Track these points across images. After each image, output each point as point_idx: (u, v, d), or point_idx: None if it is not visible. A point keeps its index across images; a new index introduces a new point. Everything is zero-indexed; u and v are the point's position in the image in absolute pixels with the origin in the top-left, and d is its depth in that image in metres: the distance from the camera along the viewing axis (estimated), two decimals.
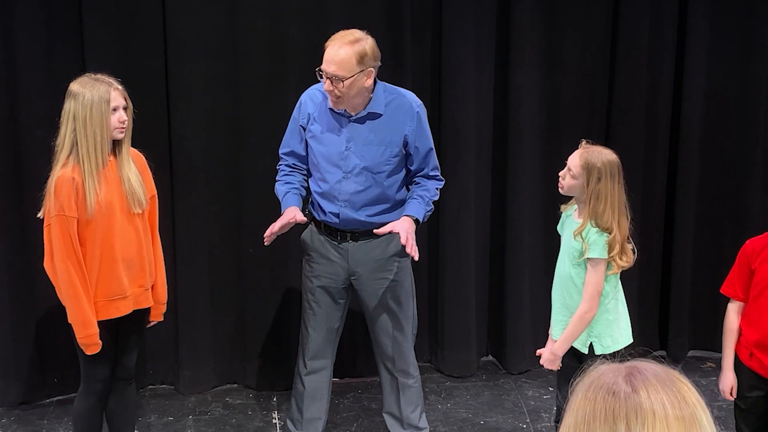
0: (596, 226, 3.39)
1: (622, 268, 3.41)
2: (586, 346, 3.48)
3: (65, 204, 3.36)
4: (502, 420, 4.50)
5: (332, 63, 3.54)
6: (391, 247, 3.82)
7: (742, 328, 3.43)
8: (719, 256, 4.85)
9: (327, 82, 3.57)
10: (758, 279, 3.35)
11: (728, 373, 3.45)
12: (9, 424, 4.42)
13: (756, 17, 4.82)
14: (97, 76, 3.47)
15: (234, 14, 4.43)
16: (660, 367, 1.38)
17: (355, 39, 3.58)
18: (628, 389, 1.31)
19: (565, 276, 3.49)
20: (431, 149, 3.82)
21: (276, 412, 4.59)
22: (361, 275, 3.83)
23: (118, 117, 3.44)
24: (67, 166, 3.40)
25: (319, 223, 3.83)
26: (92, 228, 3.42)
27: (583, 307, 3.41)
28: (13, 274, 4.40)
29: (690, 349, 5.19)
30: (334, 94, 3.59)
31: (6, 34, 4.22)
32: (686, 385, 1.36)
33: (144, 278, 3.61)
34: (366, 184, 3.72)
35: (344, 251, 3.81)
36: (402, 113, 3.74)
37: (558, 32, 4.75)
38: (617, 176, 3.38)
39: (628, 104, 4.86)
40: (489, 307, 5.05)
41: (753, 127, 4.91)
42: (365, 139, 3.70)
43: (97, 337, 3.47)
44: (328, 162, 3.72)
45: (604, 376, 1.36)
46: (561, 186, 3.47)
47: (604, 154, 3.39)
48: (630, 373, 1.34)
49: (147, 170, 3.65)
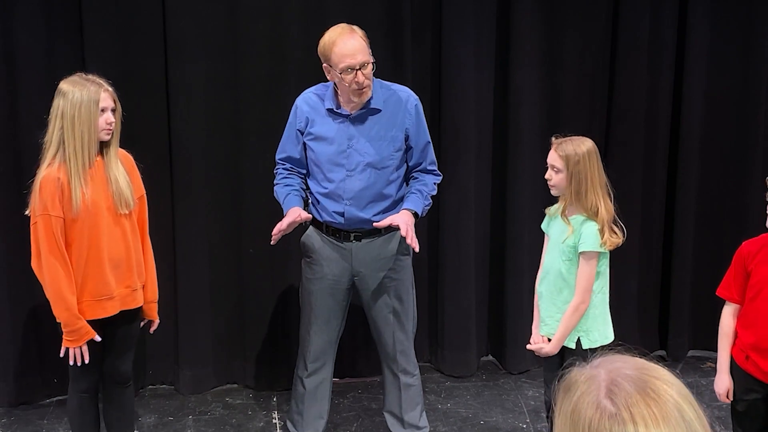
0: (582, 210, 3.44)
1: (615, 245, 3.49)
2: (574, 341, 3.53)
3: (49, 203, 3.36)
4: (502, 420, 4.51)
5: (358, 52, 3.55)
6: (393, 244, 3.83)
7: (738, 331, 3.39)
8: (719, 256, 4.84)
9: (359, 74, 3.55)
10: (754, 281, 3.31)
11: (724, 376, 3.42)
12: (9, 424, 4.42)
13: (756, 17, 4.82)
14: (88, 76, 3.47)
15: (234, 14, 4.43)
16: (633, 368, 1.40)
17: (352, 28, 3.62)
18: (612, 409, 1.35)
19: (554, 272, 3.54)
20: (429, 143, 3.85)
21: (276, 412, 4.59)
22: (365, 274, 3.83)
23: (105, 118, 3.43)
24: (53, 165, 3.40)
25: (321, 224, 3.83)
26: (78, 228, 3.42)
27: (577, 299, 3.49)
28: (13, 274, 4.40)
29: (690, 349, 5.19)
30: (366, 83, 3.59)
31: (6, 34, 4.22)
32: (662, 381, 1.38)
33: (131, 279, 3.59)
34: (370, 180, 3.72)
35: (347, 251, 3.81)
36: (401, 108, 3.75)
37: (558, 32, 4.75)
38: (595, 158, 3.47)
39: (628, 104, 4.86)
40: (489, 307, 5.05)
41: (753, 127, 4.91)
42: (367, 135, 3.70)
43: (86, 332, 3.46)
44: (331, 162, 3.72)
45: (586, 395, 1.39)
46: (552, 187, 3.54)
47: (577, 140, 3.50)
48: (609, 390, 1.37)
49: (135, 171, 3.64)
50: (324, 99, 3.73)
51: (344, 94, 3.67)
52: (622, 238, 3.50)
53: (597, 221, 3.46)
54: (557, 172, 3.48)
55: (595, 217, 3.46)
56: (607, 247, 3.47)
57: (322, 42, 3.62)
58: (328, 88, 3.77)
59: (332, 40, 3.57)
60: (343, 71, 3.54)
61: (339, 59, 3.54)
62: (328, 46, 3.58)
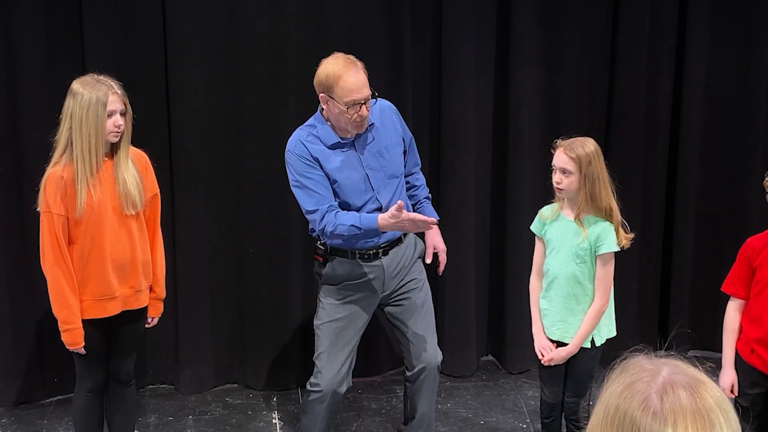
0: (596, 212, 3.43)
1: (629, 241, 3.52)
2: (589, 340, 3.57)
3: (51, 201, 3.40)
4: (502, 420, 4.51)
5: (365, 87, 3.52)
6: (411, 248, 3.85)
7: (743, 325, 3.45)
8: (719, 255, 4.85)
9: (363, 108, 3.53)
10: (759, 277, 3.37)
11: (729, 370, 3.46)
12: (9, 424, 4.42)
13: (756, 17, 4.82)
14: (99, 78, 3.47)
15: (234, 14, 4.43)
16: (695, 381, 1.41)
17: (354, 61, 3.56)
18: (658, 407, 1.35)
19: (565, 277, 3.53)
20: (412, 139, 3.94)
21: (276, 412, 4.59)
22: (395, 286, 3.81)
23: (113, 121, 3.44)
24: (60, 164, 3.43)
25: (346, 251, 3.72)
26: (82, 227, 3.44)
27: (600, 302, 3.52)
28: (13, 274, 4.40)
29: (690, 349, 5.19)
30: (366, 116, 3.57)
31: (6, 34, 4.22)
32: (719, 408, 1.39)
33: (136, 280, 3.60)
34: (395, 188, 3.74)
35: (379, 268, 3.75)
36: (387, 116, 3.78)
37: (558, 32, 4.75)
38: (601, 157, 3.48)
39: (628, 104, 4.85)
40: (489, 307, 5.05)
41: (753, 127, 4.91)
42: (376, 150, 3.70)
43: (80, 335, 3.47)
44: (358, 189, 3.66)
45: (640, 382, 1.39)
46: (560, 190, 3.51)
47: (581, 140, 3.49)
48: (664, 389, 1.38)
49: (149, 170, 3.65)
50: (320, 137, 3.64)
51: (341, 125, 3.61)
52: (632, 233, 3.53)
53: (611, 221, 3.45)
54: (568, 175, 3.44)
55: (609, 217, 3.46)
56: (624, 245, 3.49)
57: (324, 73, 3.53)
58: (315, 126, 3.66)
59: (337, 74, 3.49)
60: (348, 105, 3.50)
61: (345, 93, 3.48)
62: (333, 79, 3.49)
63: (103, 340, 3.60)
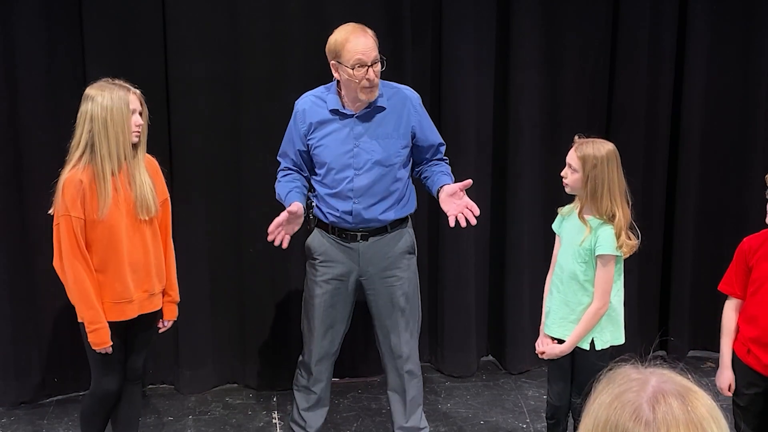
0: (596, 213, 3.43)
1: (631, 249, 3.50)
2: (588, 342, 3.54)
3: (70, 205, 3.40)
4: (502, 420, 4.50)
5: (371, 49, 3.58)
6: (400, 243, 3.84)
7: (739, 325, 3.44)
8: (719, 255, 4.84)
9: (370, 71, 3.57)
10: (756, 276, 3.36)
11: (726, 370, 3.46)
12: (9, 424, 4.42)
13: (756, 17, 4.82)
14: (114, 81, 3.50)
15: (234, 14, 4.43)
16: (684, 389, 1.39)
17: (363, 27, 3.64)
18: (650, 417, 1.34)
19: (568, 273, 3.53)
20: (442, 143, 3.91)
21: (276, 412, 4.59)
22: (372, 273, 3.83)
23: (134, 121, 3.47)
24: (78, 167, 3.43)
25: (326, 225, 3.82)
26: (100, 230, 3.45)
27: (597, 304, 3.50)
28: (13, 274, 4.40)
29: (690, 349, 5.19)
30: (376, 81, 3.60)
31: (6, 35, 4.22)
32: (711, 417, 1.37)
33: (150, 283, 3.61)
34: (378, 177, 3.72)
35: (355, 251, 3.80)
36: (406, 105, 3.77)
37: (558, 32, 4.75)
38: (614, 163, 3.45)
39: (628, 104, 4.86)
40: (489, 307, 5.05)
41: (753, 127, 4.91)
42: (374, 133, 3.71)
43: (107, 333, 3.49)
44: (339, 162, 3.71)
45: (629, 392, 1.37)
46: (566, 185, 3.53)
47: (599, 143, 3.48)
48: (655, 398, 1.36)
49: (159, 175, 3.67)
50: (326, 101, 3.72)
51: (351, 93, 3.66)
52: (636, 245, 3.50)
53: (613, 226, 3.45)
54: (573, 172, 3.47)
55: (611, 222, 3.46)
56: (624, 251, 3.47)
57: (333, 39, 3.62)
58: (329, 90, 3.76)
59: (344, 37, 3.58)
60: (354, 67, 3.55)
61: (351, 55, 3.55)
62: (340, 42, 3.58)
63: (121, 344, 3.61)
